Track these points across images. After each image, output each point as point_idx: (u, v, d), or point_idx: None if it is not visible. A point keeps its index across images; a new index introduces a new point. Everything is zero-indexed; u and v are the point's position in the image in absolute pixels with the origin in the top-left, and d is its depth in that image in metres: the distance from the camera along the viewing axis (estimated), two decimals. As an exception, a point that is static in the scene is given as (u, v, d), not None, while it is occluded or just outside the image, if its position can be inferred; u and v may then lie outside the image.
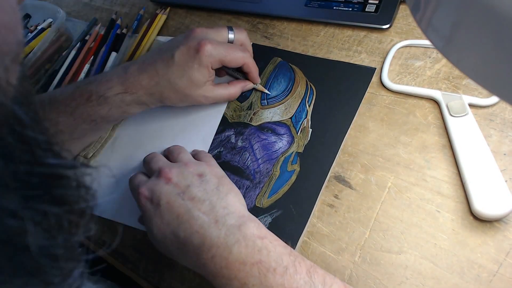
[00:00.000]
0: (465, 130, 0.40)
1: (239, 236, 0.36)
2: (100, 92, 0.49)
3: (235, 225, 0.37)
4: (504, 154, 0.39)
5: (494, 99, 0.41)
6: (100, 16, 0.75)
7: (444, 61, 0.45)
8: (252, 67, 0.51)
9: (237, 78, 0.53)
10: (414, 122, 0.44)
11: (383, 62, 0.48)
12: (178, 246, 0.38)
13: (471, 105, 0.42)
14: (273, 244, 0.36)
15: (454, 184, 0.40)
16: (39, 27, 0.73)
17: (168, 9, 0.68)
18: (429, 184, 0.40)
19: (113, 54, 0.66)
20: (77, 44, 0.70)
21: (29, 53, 0.66)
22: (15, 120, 0.15)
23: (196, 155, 0.48)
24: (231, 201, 0.40)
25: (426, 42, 0.46)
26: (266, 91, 0.53)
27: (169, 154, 0.48)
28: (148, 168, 0.46)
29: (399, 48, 0.48)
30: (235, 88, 0.51)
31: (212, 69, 0.48)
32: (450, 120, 0.41)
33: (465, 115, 0.41)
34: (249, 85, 0.53)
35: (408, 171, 0.42)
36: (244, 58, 0.50)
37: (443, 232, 0.38)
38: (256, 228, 0.37)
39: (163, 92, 0.49)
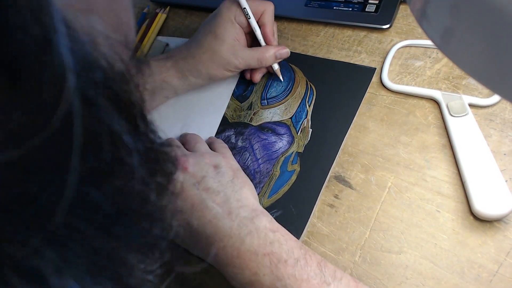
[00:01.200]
0: (465, 130, 0.40)
1: (251, 228, 0.37)
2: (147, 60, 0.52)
3: (248, 218, 0.38)
4: (504, 154, 0.39)
5: (494, 99, 0.41)
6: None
7: (444, 61, 0.45)
8: (270, 17, 0.49)
9: None
10: (414, 122, 0.44)
11: (383, 62, 0.48)
12: (191, 234, 0.39)
13: (471, 105, 0.42)
14: (285, 238, 0.37)
15: (454, 184, 0.40)
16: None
17: (167, 8, 0.68)
18: (429, 184, 0.40)
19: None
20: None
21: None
22: (140, 104, 0.17)
23: (211, 143, 0.49)
24: (245, 194, 0.40)
25: (426, 42, 0.46)
26: (280, 77, 0.52)
27: (186, 143, 0.48)
28: None
29: (399, 48, 0.48)
30: (268, 51, 0.49)
31: (236, 22, 0.49)
32: (450, 120, 0.41)
33: (465, 115, 0.41)
34: (282, 50, 0.49)
35: (408, 171, 0.42)
36: (265, 4, 0.49)
37: (443, 232, 0.38)
38: (269, 222, 0.38)
39: (195, 54, 0.50)
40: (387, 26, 0.49)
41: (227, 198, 0.39)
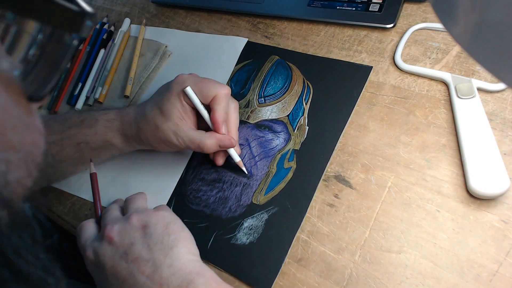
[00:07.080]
0: (471, 112, 0.40)
1: None
2: (96, 115, 0.50)
3: (181, 287, 0.36)
4: (504, 154, 0.39)
5: (502, 84, 0.41)
6: (100, 16, 0.74)
7: (457, 47, 0.45)
8: (222, 102, 0.45)
9: None
10: (414, 121, 0.43)
11: (398, 42, 0.48)
12: None
13: (479, 89, 0.42)
14: None
15: (454, 183, 0.39)
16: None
17: (144, 22, 0.67)
18: (429, 184, 0.40)
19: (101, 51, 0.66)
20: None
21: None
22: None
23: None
24: (177, 255, 0.38)
25: (442, 26, 0.47)
26: (244, 169, 0.46)
27: (125, 203, 0.47)
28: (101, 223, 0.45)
29: (415, 31, 0.48)
30: (210, 138, 0.44)
31: (185, 102, 0.45)
32: (457, 102, 0.41)
33: (473, 97, 0.41)
34: (226, 142, 0.44)
35: (408, 170, 0.41)
36: (218, 88, 0.45)
37: (443, 232, 0.38)
38: (205, 285, 0.36)
39: (139, 122, 0.47)
40: (391, 25, 0.49)
41: (156, 266, 0.37)
